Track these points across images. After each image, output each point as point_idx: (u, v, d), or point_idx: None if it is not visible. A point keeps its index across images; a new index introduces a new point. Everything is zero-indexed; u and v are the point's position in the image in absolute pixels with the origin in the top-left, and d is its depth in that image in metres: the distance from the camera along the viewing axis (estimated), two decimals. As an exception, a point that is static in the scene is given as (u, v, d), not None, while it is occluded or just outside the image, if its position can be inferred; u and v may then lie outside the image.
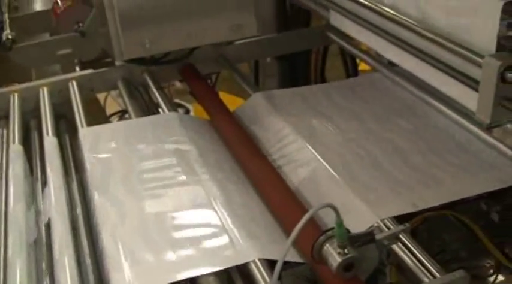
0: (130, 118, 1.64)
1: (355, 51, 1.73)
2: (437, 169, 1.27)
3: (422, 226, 1.19)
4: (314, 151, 1.34)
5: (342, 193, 1.20)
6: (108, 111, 2.56)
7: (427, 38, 1.18)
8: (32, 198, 1.33)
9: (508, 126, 1.10)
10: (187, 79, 1.82)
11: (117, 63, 1.78)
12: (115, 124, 1.86)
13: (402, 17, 1.26)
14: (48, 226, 1.18)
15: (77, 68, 2.18)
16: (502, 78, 1.00)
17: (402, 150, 1.35)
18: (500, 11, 1.02)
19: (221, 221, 1.14)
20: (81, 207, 1.30)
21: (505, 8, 1.03)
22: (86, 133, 1.48)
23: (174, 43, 1.69)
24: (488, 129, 1.16)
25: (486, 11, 1.05)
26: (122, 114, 2.46)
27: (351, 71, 2.18)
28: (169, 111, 1.59)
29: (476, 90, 1.07)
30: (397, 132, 1.43)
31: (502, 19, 1.05)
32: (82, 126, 1.53)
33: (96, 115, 2.09)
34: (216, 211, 1.17)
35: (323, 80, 2.22)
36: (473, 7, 1.08)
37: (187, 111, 3.23)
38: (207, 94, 1.72)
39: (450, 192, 1.18)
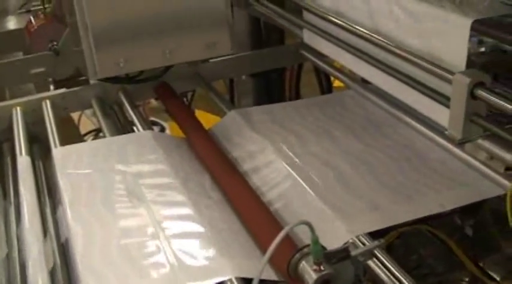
0: (104, 137, 1.63)
1: (328, 68, 1.75)
2: (410, 184, 1.28)
3: (398, 241, 1.20)
4: (289, 168, 1.35)
5: (317, 210, 1.21)
6: (83, 130, 2.55)
7: (399, 56, 1.20)
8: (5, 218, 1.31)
9: (479, 141, 1.12)
10: (162, 98, 1.82)
11: (92, 81, 1.77)
12: (89, 144, 1.85)
13: (374, 35, 1.28)
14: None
15: (51, 87, 2.17)
16: (472, 95, 1.02)
17: (375, 167, 1.36)
18: (469, 28, 1.05)
19: (198, 238, 1.13)
20: (53, 227, 1.28)
21: (474, 26, 1.05)
22: (60, 153, 1.47)
23: (148, 62, 1.69)
24: (460, 144, 1.18)
25: (455, 29, 1.08)
26: (97, 133, 2.45)
27: (325, 87, 2.20)
28: (144, 129, 1.59)
29: (448, 107, 1.09)
30: (370, 148, 1.44)
31: (472, 36, 1.07)
32: (56, 145, 1.51)
33: (71, 135, 2.07)
34: (192, 229, 1.16)
35: (298, 97, 2.24)
36: (444, 25, 1.11)
37: (163, 129, 3.22)
38: (182, 112, 1.72)
39: (424, 207, 1.20)
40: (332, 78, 2.11)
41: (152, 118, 3.14)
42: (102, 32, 1.60)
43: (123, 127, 1.75)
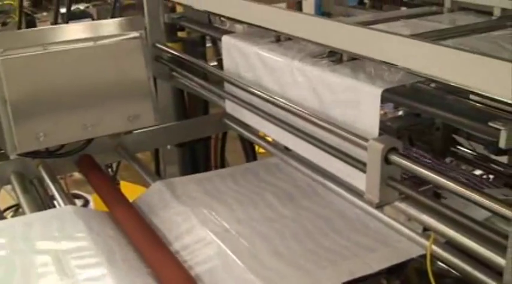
0: (24, 213, 1.57)
1: (252, 137, 1.78)
2: (336, 248, 1.31)
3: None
4: (216, 239, 1.34)
5: (244, 280, 1.20)
6: (3, 205, 2.45)
7: (317, 125, 1.25)
8: None
9: (397, 203, 1.16)
10: (84, 171, 1.79)
11: (11, 156, 1.72)
12: (4, 223, 1.77)
13: (294, 105, 1.32)
14: None
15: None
16: (386, 160, 1.07)
17: (300, 233, 1.38)
18: (379, 97, 1.11)
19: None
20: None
21: (384, 95, 1.11)
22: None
23: (69, 135, 1.67)
24: (378, 208, 1.22)
25: (367, 99, 1.13)
26: (17, 208, 2.36)
27: (250, 154, 2.24)
28: (65, 204, 1.55)
29: (365, 172, 1.13)
30: (296, 214, 1.47)
31: (385, 103, 1.13)
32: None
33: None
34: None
35: (223, 165, 2.26)
36: (356, 95, 1.16)
37: (87, 202, 3.14)
38: (105, 185, 1.69)
39: (349, 271, 1.22)
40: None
41: (75, 191, 3.07)
42: (21, 106, 1.57)
43: (43, 202, 1.69)
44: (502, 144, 0.93)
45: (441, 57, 0.97)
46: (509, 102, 0.97)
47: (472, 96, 1.24)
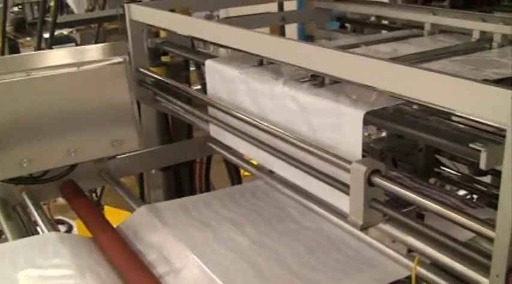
0: (7, 240, 1.55)
1: (236, 160, 1.78)
2: (322, 270, 1.31)
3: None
4: (201, 263, 1.33)
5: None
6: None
7: (301, 148, 1.25)
8: None
9: (381, 225, 1.17)
10: (67, 197, 1.77)
11: (-6, 183, 1.71)
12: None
13: (277, 129, 1.33)
14: None
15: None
16: (369, 182, 1.08)
17: (284, 256, 1.38)
18: (361, 120, 1.12)
19: None
20: None
21: (367, 118, 1.12)
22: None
23: (53, 161, 1.66)
24: (363, 230, 1.22)
25: (350, 121, 1.14)
26: (0, 235, 2.33)
27: (235, 178, 2.24)
28: (48, 230, 1.53)
29: (348, 194, 1.13)
30: (279, 238, 1.46)
31: (367, 125, 1.15)
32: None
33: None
34: None
35: (208, 188, 2.26)
36: (339, 118, 1.17)
37: (71, 228, 3.11)
38: (89, 211, 1.68)
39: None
40: (241, 168, 2.15)
41: (59, 217, 3.04)
42: (5, 132, 1.57)
43: (26, 229, 1.67)
44: (483, 165, 0.94)
45: (420, 80, 0.98)
46: (489, 123, 0.99)
47: (454, 117, 1.26)
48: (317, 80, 1.30)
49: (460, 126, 1.24)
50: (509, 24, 1.56)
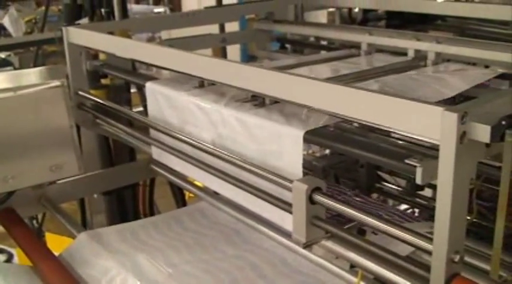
0: None
1: (180, 182, 1.77)
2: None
3: None
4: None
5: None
6: None
7: (243, 168, 1.26)
8: None
9: (323, 242, 1.17)
10: (6, 225, 1.71)
11: None
12: None
13: (219, 149, 1.33)
14: None
15: None
16: (310, 200, 1.09)
17: (236, 276, 1.37)
18: (301, 139, 1.13)
19: None
20: None
21: (306, 137, 1.14)
22: None
23: (-12, 188, 1.60)
24: (306, 247, 1.23)
25: (290, 141, 1.16)
26: None
27: (180, 200, 2.22)
28: (-15, 261, 1.48)
29: (291, 212, 1.14)
30: (229, 257, 1.46)
31: (308, 144, 1.16)
32: None
33: None
34: None
35: (152, 211, 2.22)
36: (279, 138, 1.19)
37: (11, 256, 3.00)
38: (29, 239, 1.63)
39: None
40: (186, 190, 2.13)
41: (-1, 246, 2.93)
42: None
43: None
44: (419, 180, 0.97)
45: (355, 99, 1.01)
46: (423, 139, 1.02)
47: (392, 134, 1.29)
48: (258, 100, 1.31)
49: (399, 142, 1.28)
50: (442, 42, 1.62)
